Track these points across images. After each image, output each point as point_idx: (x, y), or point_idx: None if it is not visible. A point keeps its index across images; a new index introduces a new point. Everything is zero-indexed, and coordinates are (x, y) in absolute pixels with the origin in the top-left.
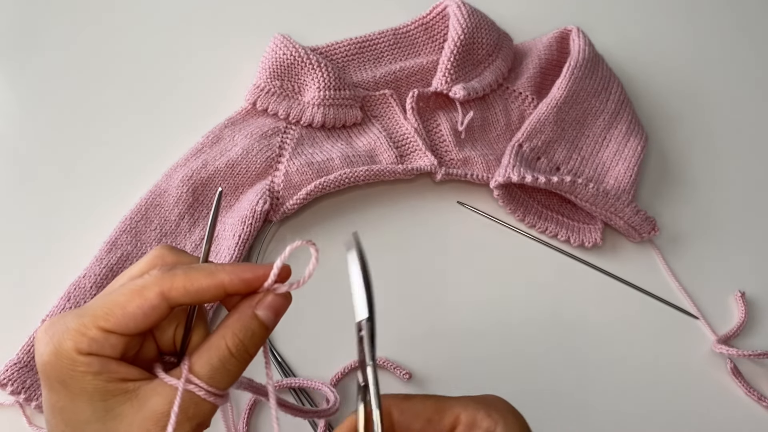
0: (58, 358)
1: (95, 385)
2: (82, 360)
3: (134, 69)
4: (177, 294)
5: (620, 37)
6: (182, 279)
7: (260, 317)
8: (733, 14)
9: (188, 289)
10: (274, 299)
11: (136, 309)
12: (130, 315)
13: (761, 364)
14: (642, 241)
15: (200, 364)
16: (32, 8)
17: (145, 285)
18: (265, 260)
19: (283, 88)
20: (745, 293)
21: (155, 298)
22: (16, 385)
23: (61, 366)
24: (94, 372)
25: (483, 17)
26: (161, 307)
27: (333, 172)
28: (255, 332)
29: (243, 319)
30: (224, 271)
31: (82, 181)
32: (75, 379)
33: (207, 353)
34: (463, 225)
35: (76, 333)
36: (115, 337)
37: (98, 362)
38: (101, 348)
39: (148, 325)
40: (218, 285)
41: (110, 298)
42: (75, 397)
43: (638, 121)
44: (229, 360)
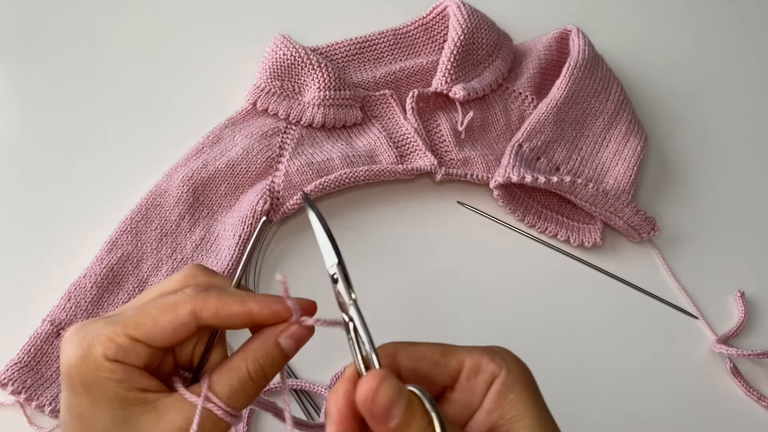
0: (84, 361)
1: (116, 392)
2: (108, 366)
3: (134, 69)
4: (208, 315)
5: (620, 38)
6: (215, 302)
7: (282, 345)
8: (733, 14)
9: (219, 313)
10: (298, 330)
11: (167, 323)
12: (159, 328)
13: (761, 364)
14: (641, 241)
15: (220, 384)
16: (33, 9)
17: (178, 302)
18: (266, 260)
19: (283, 89)
20: (744, 293)
21: (187, 316)
22: (16, 385)
23: (87, 370)
24: (117, 379)
25: (483, 17)
26: (191, 326)
27: (333, 172)
28: (275, 359)
29: (266, 345)
30: (254, 300)
31: (82, 181)
32: (98, 385)
33: (228, 374)
34: (463, 225)
35: (106, 339)
36: (142, 347)
37: (122, 370)
38: (127, 356)
39: (176, 341)
40: (247, 313)
41: (143, 309)
42: (95, 402)
43: (638, 121)
44: (248, 383)
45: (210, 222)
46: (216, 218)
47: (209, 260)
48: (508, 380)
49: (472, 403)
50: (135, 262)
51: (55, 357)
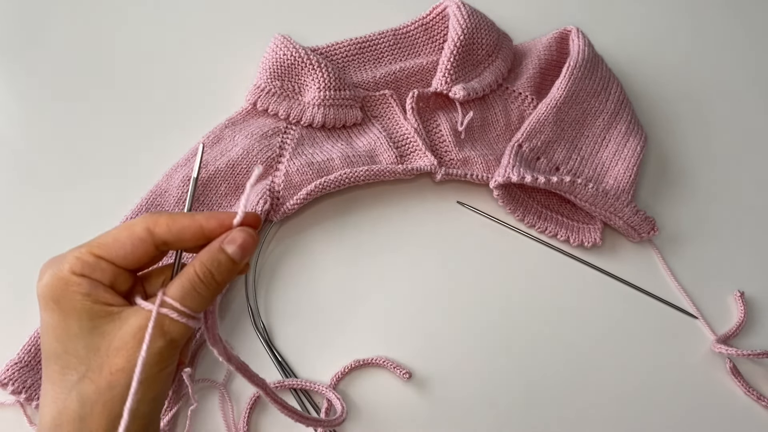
0: (55, 279)
1: (84, 304)
2: (75, 280)
3: (134, 69)
4: (161, 230)
5: (620, 38)
6: (166, 218)
7: (227, 251)
8: (733, 14)
9: (171, 226)
10: (241, 236)
11: (125, 239)
12: (119, 244)
13: (760, 364)
14: (641, 240)
15: (172, 288)
16: (33, 9)
17: (134, 222)
18: (266, 260)
19: (283, 89)
20: (744, 293)
21: (142, 232)
22: (16, 385)
23: (57, 286)
24: (83, 292)
25: (483, 18)
26: (147, 241)
27: (333, 172)
28: (222, 263)
29: (211, 251)
30: (202, 214)
31: (82, 181)
32: (67, 298)
33: (179, 279)
34: (462, 225)
35: (72, 258)
36: (105, 263)
37: (88, 284)
38: (92, 271)
39: (136, 259)
40: (197, 226)
41: (105, 232)
42: (66, 314)
43: (638, 121)
44: (198, 284)
45: None
46: None
47: None
48: None
49: None
50: None
51: None
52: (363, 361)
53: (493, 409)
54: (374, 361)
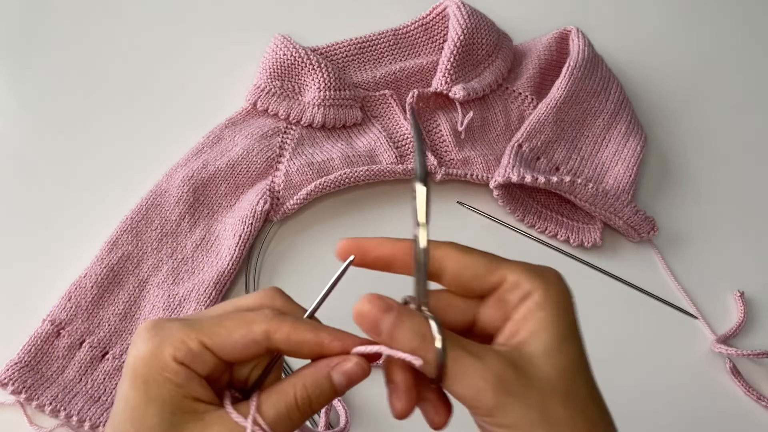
0: (152, 357)
1: (172, 395)
2: (173, 367)
3: (135, 69)
4: (280, 338)
5: (620, 38)
6: (289, 327)
7: (333, 379)
8: (734, 14)
9: (291, 338)
10: (353, 368)
11: (240, 338)
12: (232, 341)
13: (760, 364)
14: (641, 240)
15: (267, 405)
16: (33, 8)
17: (254, 320)
18: (266, 261)
19: (283, 89)
20: (744, 293)
21: (260, 335)
22: (17, 385)
23: (152, 366)
24: (177, 383)
25: (483, 18)
26: (262, 345)
27: (333, 172)
28: (324, 392)
29: (317, 375)
30: (327, 331)
31: (82, 181)
32: (157, 383)
33: (276, 397)
34: (463, 225)
35: (179, 341)
36: (210, 356)
37: (185, 374)
38: (194, 362)
39: (243, 357)
40: (318, 343)
41: (220, 320)
42: (150, 401)
43: (637, 121)
44: (294, 410)
45: (210, 222)
46: (216, 218)
47: (209, 260)
48: (542, 300)
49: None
50: (135, 261)
51: (55, 357)
52: None
53: None
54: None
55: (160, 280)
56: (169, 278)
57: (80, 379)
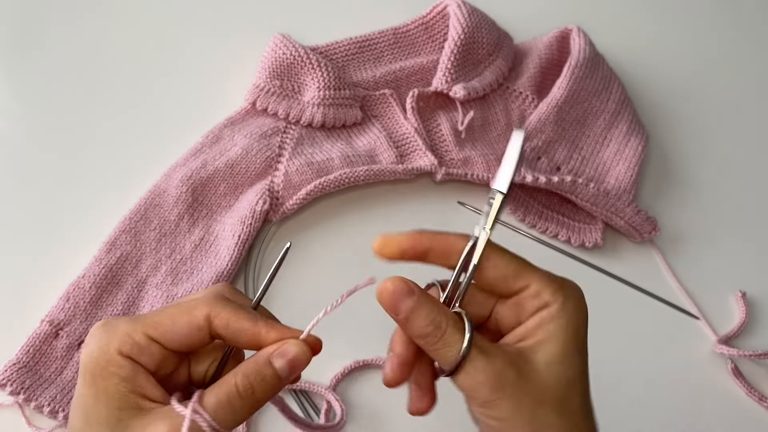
0: (100, 352)
1: (118, 390)
2: (118, 360)
3: (134, 69)
4: (219, 324)
5: (620, 37)
6: (228, 312)
7: (275, 365)
8: (734, 14)
9: (230, 324)
10: (293, 352)
11: (184, 325)
12: (176, 329)
13: (762, 365)
14: (642, 241)
15: (209, 396)
16: (33, 8)
17: (195, 306)
18: (265, 260)
19: (282, 88)
20: (745, 293)
21: (202, 320)
22: (15, 386)
23: (99, 361)
24: (123, 376)
25: (483, 17)
26: (204, 332)
27: (333, 172)
28: (266, 378)
29: (257, 363)
30: (265, 323)
31: (81, 181)
32: (104, 378)
33: (217, 387)
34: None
35: (124, 334)
36: (156, 347)
37: (130, 368)
38: (140, 354)
39: (189, 345)
40: (255, 332)
41: (163, 310)
42: (98, 396)
43: (639, 120)
44: (236, 398)
45: (209, 222)
46: (215, 218)
47: (208, 260)
48: (556, 313)
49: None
50: (134, 262)
51: (53, 357)
52: (363, 361)
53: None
54: (374, 361)
55: (159, 280)
56: (167, 278)
57: None
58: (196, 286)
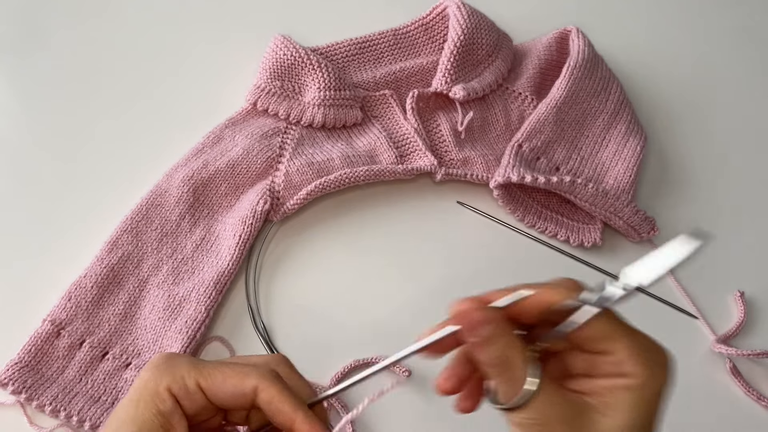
0: (152, 382)
1: (153, 420)
2: (164, 395)
3: (135, 69)
4: (264, 398)
5: (620, 38)
6: (275, 391)
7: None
8: (733, 14)
9: (273, 402)
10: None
11: (231, 387)
12: (224, 387)
13: (760, 364)
14: (641, 241)
15: None
16: (33, 8)
17: (249, 373)
18: (266, 261)
19: (283, 89)
20: (744, 293)
21: (249, 389)
22: (17, 385)
23: (148, 389)
24: (160, 410)
25: (483, 18)
26: (248, 399)
27: (333, 172)
28: None
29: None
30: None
31: (82, 181)
32: (145, 404)
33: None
34: (462, 225)
35: (179, 376)
36: (201, 396)
37: (171, 405)
38: (185, 397)
39: (231, 405)
40: (291, 419)
41: (220, 368)
42: (134, 417)
43: (638, 121)
44: None
45: (210, 222)
46: (216, 218)
47: (209, 260)
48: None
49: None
50: (135, 262)
51: (55, 357)
52: (363, 360)
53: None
54: (374, 360)
55: (161, 280)
56: (169, 278)
57: (80, 379)
58: (197, 286)
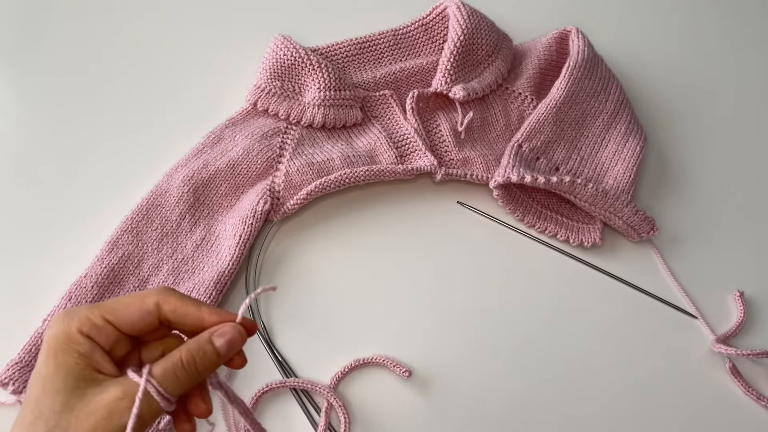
0: (62, 332)
1: (77, 363)
2: (78, 338)
3: (135, 69)
4: (168, 308)
5: (619, 38)
6: (176, 299)
7: (215, 343)
8: (733, 14)
9: (176, 310)
10: (230, 333)
11: (135, 310)
12: (128, 312)
13: (760, 364)
14: (641, 240)
15: (156, 367)
16: (34, 9)
17: (147, 294)
18: (266, 260)
19: (283, 89)
20: (743, 293)
21: (152, 306)
22: (17, 385)
23: (61, 339)
24: (81, 352)
25: (482, 18)
26: (153, 315)
27: (333, 172)
28: (206, 354)
29: (200, 341)
30: (208, 308)
31: (83, 181)
32: (64, 353)
33: (164, 361)
34: (462, 225)
35: (84, 317)
36: (111, 329)
37: (89, 345)
38: (97, 334)
39: (141, 328)
40: (199, 317)
41: (119, 299)
42: (57, 368)
43: (637, 121)
44: (180, 369)
45: (210, 222)
46: (216, 218)
47: (210, 260)
48: None
49: None
50: (136, 261)
51: None
52: (363, 360)
53: (493, 407)
54: (374, 360)
55: (161, 280)
56: (169, 278)
57: None
58: (198, 286)
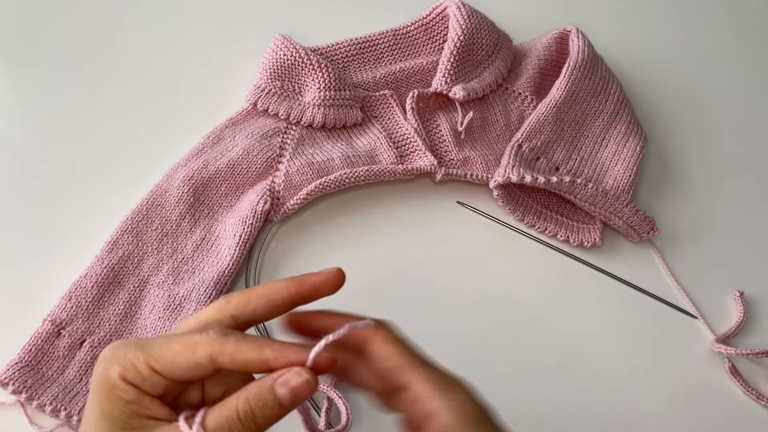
0: (105, 376)
1: (122, 411)
2: (122, 386)
3: (135, 69)
4: (224, 360)
5: (620, 38)
6: (231, 347)
7: (277, 393)
8: (733, 15)
9: (234, 358)
10: (296, 381)
11: (184, 362)
12: (177, 365)
13: (759, 363)
14: (641, 240)
15: (210, 416)
16: (33, 8)
17: (198, 343)
18: (266, 261)
19: (283, 89)
20: (743, 293)
21: (203, 358)
22: (17, 385)
23: (106, 383)
24: (126, 400)
25: (482, 18)
26: (207, 367)
27: (333, 172)
28: (267, 404)
29: (261, 388)
30: (271, 347)
31: (83, 181)
32: (110, 399)
33: (219, 408)
34: (462, 225)
35: (128, 363)
36: (159, 378)
37: (134, 393)
38: (143, 383)
39: (192, 378)
40: (263, 360)
41: (169, 344)
42: (102, 416)
43: (637, 121)
44: (235, 423)
45: (210, 222)
46: (216, 218)
47: (210, 260)
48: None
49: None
50: (136, 261)
51: (55, 356)
52: None
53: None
54: None
55: (161, 280)
56: (169, 278)
57: (81, 378)
58: (198, 286)
